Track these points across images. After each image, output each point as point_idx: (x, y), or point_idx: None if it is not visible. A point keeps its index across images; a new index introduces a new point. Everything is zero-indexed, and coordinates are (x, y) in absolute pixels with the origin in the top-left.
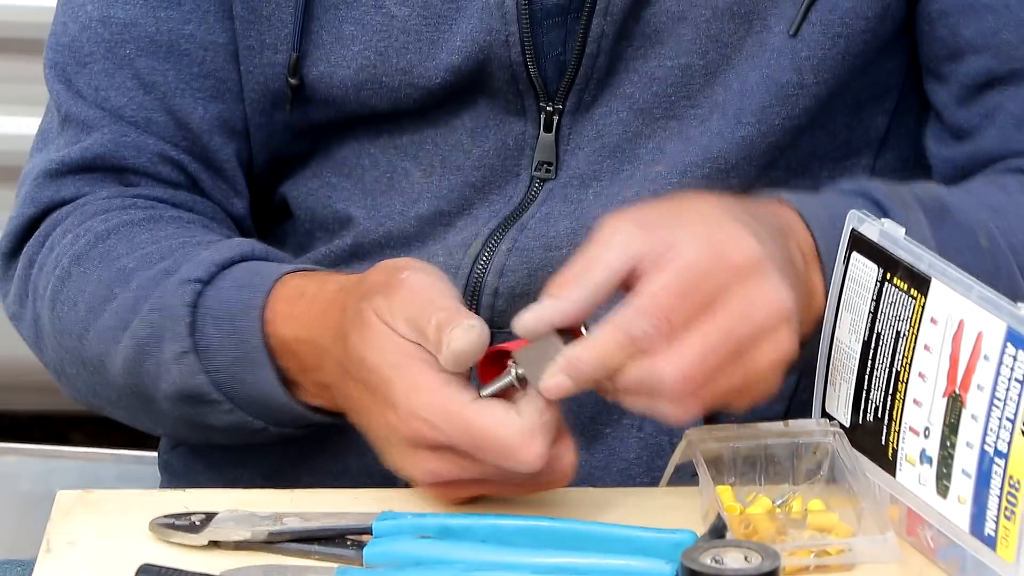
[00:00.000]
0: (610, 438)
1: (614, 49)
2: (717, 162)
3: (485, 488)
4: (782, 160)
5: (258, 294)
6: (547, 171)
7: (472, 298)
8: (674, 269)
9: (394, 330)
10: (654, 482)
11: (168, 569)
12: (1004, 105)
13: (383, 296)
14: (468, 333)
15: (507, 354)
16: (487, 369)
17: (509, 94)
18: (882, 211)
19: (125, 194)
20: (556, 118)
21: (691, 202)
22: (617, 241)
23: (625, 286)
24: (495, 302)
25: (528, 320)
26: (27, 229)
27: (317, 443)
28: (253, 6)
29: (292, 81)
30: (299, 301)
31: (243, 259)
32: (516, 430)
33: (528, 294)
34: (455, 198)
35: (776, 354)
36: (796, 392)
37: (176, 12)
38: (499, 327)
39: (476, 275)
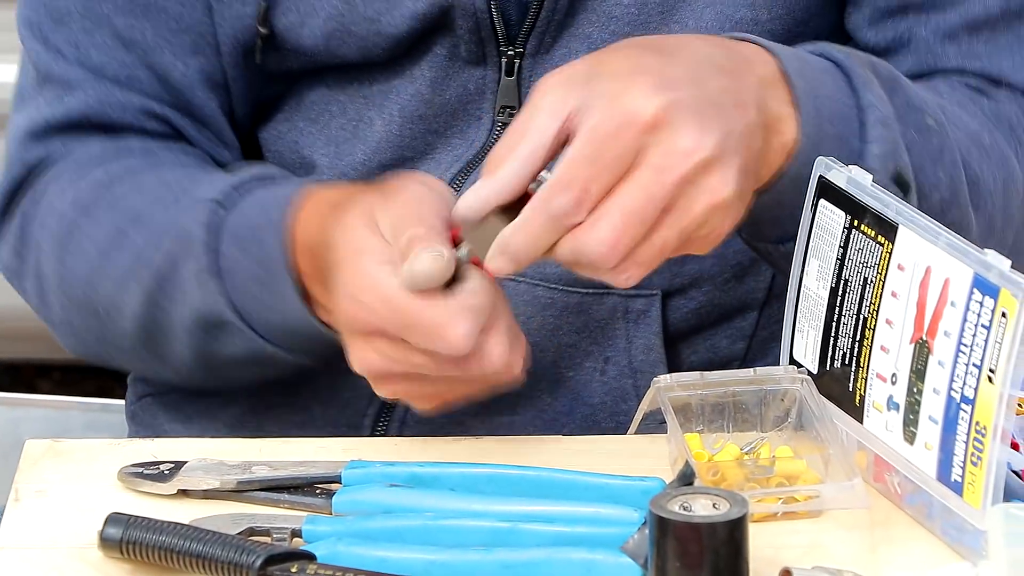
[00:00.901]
0: (573, 383)
1: None
2: None
3: (421, 386)
4: None
5: (280, 209)
6: (510, 115)
7: None
8: (582, 136)
9: (375, 226)
10: (619, 428)
11: (137, 517)
12: (916, 31)
13: (381, 195)
14: (434, 261)
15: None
16: None
17: (471, 42)
18: (841, 70)
19: (118, 145)
20: (517, 62)
21: (617, 52)
22: (547, 103)
23: (565, 143)
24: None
25: (468, 203)
26: (15, 190)
27: (282, 394)
28: None
29: (262, 31)
30: (319, 205)
31: (260, 179)
32: (443, 310)
33: None
34: (417, 145)
35: (711, 197)
36: (756, 330)
37: None
38: None
39: None
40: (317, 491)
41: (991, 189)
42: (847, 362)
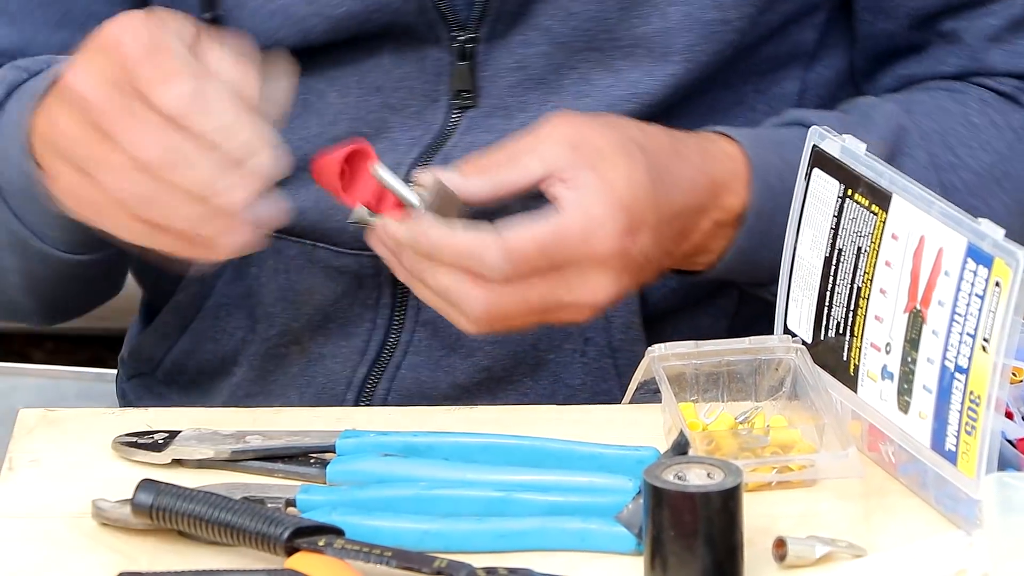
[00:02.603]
0: (553, 364)
1: None
2: (643, 98)
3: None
4: (711, 89)
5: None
6: (465, 98)
7: None
8: (550, 228)
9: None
10: None
11: (169, 484)
12: (961, 33)
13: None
14: (274, 159)
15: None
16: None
17: (420, 24)
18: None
19: None
20: (471, 46)
21: (628, 145)
22: (548, 153)
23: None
24: None
25: (427, 179)
26: None
27: (259, 383)
28: None
29: (206, 16)
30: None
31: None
32: None
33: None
34: (372, 119)
35: (571, 318)
36: (739, 308)
37: None
38: None
39: None
40: (311, 461)
41: (1004, 221)
42: (841, 331)
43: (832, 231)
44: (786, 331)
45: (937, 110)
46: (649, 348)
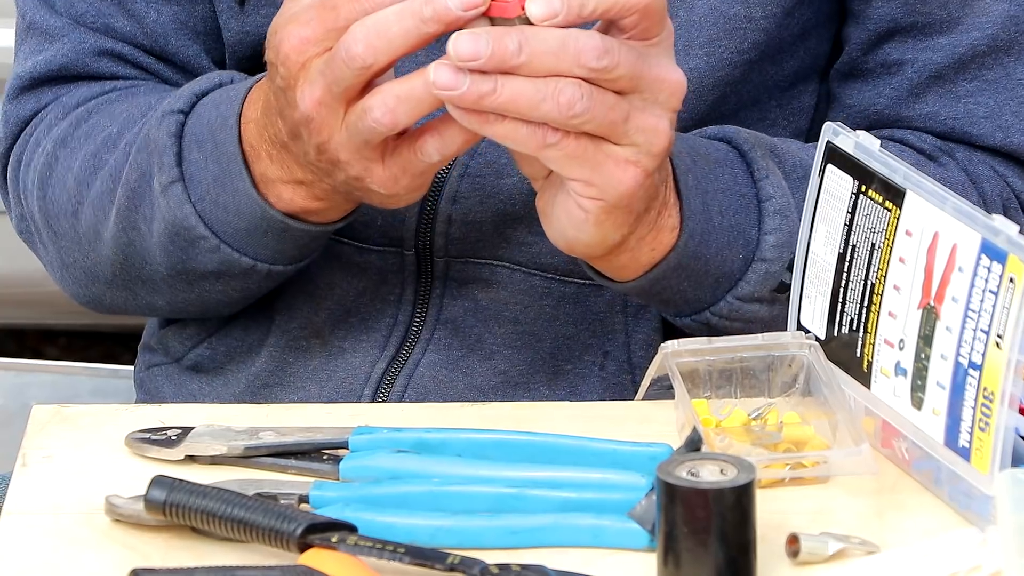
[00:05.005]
0: (571, 375)
1: None
2: None
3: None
4: (732, 94)
5: (233, 104)
6: None
7: (425, 225)
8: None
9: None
10: None
11: (182, 481)
12: (904, 64)
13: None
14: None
15: None
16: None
17: None
18: (744, 159)
19: (104, 86)
20: None
21: None
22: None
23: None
24: (449, 229)
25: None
26: (12, 146)
27: (279, 374)
28: None
29: None
30: (262, 88)
31: (221, 85)
32: None
33: (482, 221)
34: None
35: (626, 153)
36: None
37: None
38: (455, 256)
39: (429, 202)
40: (324, 457)
41: None
42: (855, 328)
43: (846, 227)
44: (799, 327)
45: None
46: (662, 344)
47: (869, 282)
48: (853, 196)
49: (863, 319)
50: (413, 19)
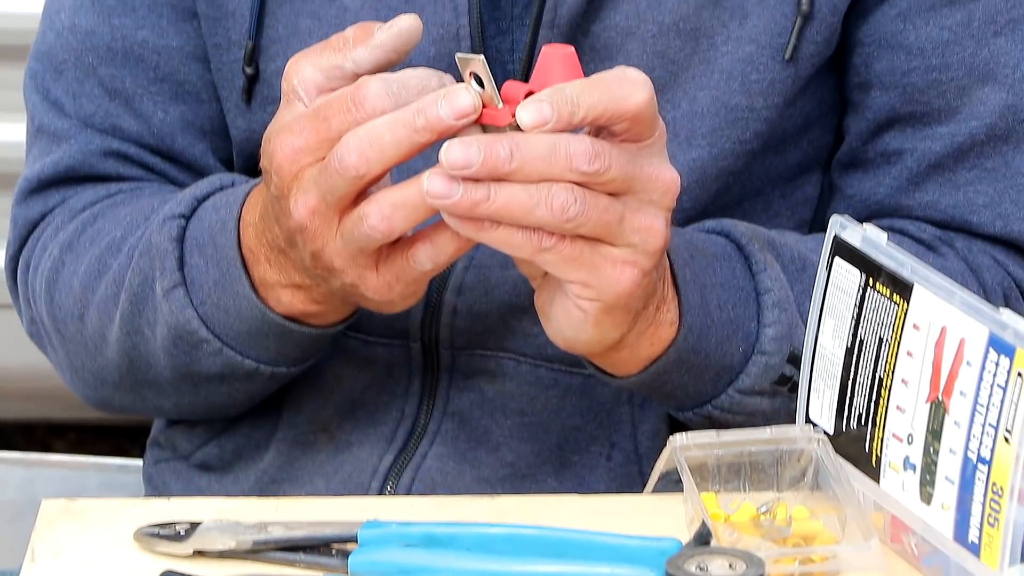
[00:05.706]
0: (578, 466)
1: None
2: None
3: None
4: (736, 184)
5: (232, 208)
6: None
7: (431, 318)
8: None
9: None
10: None
11: None
12: (903, 154)
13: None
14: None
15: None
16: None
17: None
18: (742, 252)
19: (109, 188)
20: None
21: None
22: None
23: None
24: (454, 321)
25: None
26: (21, 248)
27: (287, 469)
28: (218, 2)
29: (247, 70)
30: (259, 193)
31: (222, 188)
32: None
33: (487, 313)
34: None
35: (623, 253)
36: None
37: (129, 19)
38: (460, 348)
39: (434, 294)
40: (333, 551)
41: None
42: (863, 422)
43: (854, 321)
44: (808, 421)
45: None
46: (671, 437)
47: (877, 376)
48: (861, 289)
49: (872, 413)
50: (405, 129)
